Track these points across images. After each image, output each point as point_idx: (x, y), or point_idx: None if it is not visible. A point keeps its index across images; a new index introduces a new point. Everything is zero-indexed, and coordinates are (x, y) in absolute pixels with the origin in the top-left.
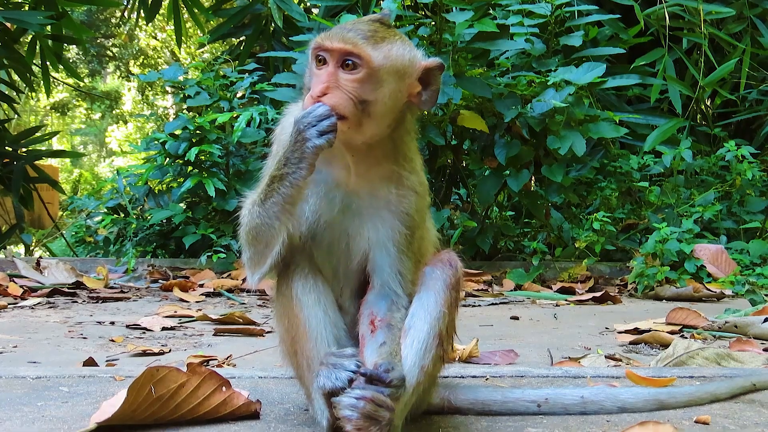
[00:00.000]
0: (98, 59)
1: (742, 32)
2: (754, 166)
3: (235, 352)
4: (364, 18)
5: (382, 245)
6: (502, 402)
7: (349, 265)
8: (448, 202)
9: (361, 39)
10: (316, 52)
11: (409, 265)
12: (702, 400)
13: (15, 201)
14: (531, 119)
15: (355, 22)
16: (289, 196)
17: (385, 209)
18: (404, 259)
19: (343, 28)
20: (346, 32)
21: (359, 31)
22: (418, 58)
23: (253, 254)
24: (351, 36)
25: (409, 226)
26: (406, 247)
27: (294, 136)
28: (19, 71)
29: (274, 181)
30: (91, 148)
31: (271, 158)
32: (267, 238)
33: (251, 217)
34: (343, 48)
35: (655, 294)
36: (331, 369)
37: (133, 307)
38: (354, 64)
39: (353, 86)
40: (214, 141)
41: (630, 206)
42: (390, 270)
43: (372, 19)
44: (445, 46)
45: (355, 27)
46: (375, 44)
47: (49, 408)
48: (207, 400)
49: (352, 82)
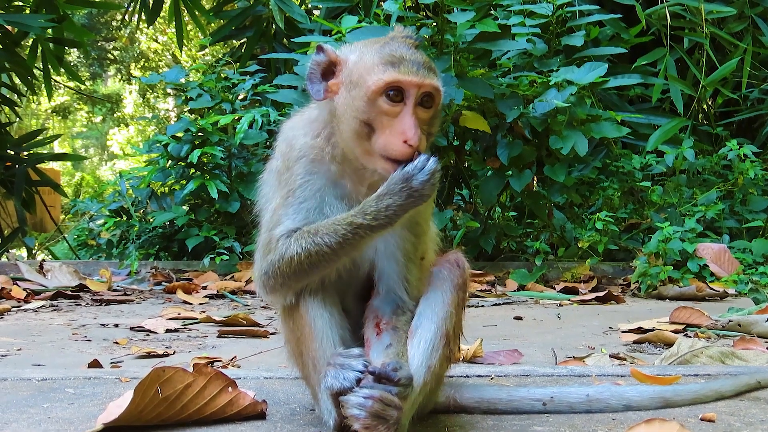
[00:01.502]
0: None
1: (744, 31)
2: (757, 165)
3: (239, 354)
4: (404, 41)
5: (390, 255)
6: (507, 400)
7: (356, 272)
8: (451, 203)
9: (432, 74)
10: (390, 87)
11: (415, 271)
12: (707, 397)
13: (17, 204)
14: (533, 119)
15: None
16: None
17: None
18: (411, 266)
19: (410, 62)
20: (419, 68)
21: (426, 64)
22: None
23: (288, 282)
24: (427, 73)
25: (418, 234)
26: (413, 254)
27: (405, 191)
28: (20, 74)
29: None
30: (93, 151)
31: (273, 175)
32: (319, 272)
33: (306, 246)
34: (428, 88)
35: (659, 293)
36: (338, 369)
37: (136, 309)
38: (431, 101)
39: (428, 124)
40: (217, 143)
41: (632, 206)
42: (397, 278)
43: (413, 44)
44: (446, 46)
45: (418, 59)
46: (437, 77)
47: (56, 409)
48: (213, 400)
49: (428, 120)
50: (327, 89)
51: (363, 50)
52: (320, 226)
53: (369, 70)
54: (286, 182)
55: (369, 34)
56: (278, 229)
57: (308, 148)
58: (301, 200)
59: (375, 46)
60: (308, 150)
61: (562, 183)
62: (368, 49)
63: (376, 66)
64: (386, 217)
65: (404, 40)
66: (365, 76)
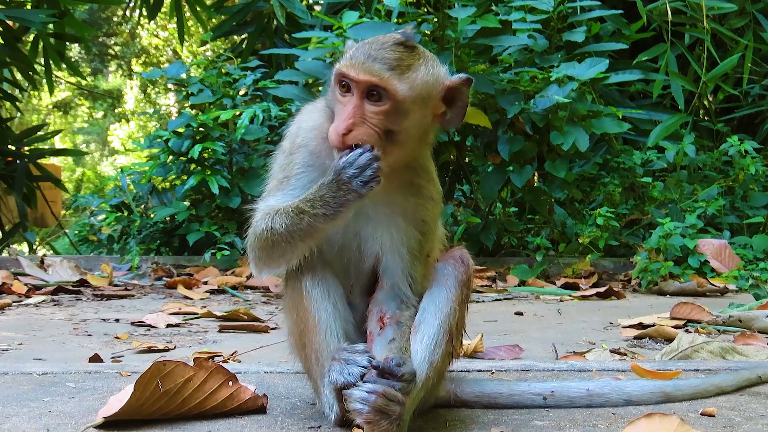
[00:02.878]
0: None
1: (745, 27)
2: (757, 161)
3: (240, 349)
4: (388, 39)
5: (395, 250)
6: (508, 395)
7: (361, 265)
8: (452, 199)
9: (387, 70)
10: (340, 79)
11: (419, 268)
12: (708, 392)
13: (18, 199)
14: (534, 115)
15: (379, 46)
16: (321, 230)
17: (401, 217)
18: (416, 263)
19: (367, 55)
20: (371, 62)
21: (385, 60)
22: (441, 78)
23: (263, 257)
24: (377, 68)
25: (424, 232)
26: (418, 252)
27: (335, 183)
28: (21, 70)
29: (305, 214)
30: (94, 147)
31: (280, 154)
32: (284, 252)
33: (272, 225)
34: (369, 80)
35: (659, 289)
36: (343, 364)
37: (137, 304)
38: (379, 96)
39: (378, 118)
40: (218, 138)
41: (633, 202)
42: (401, 273)
43: (396, 42)
44: (447, 42)
45: (380, 55)
46: (401, 74)
47: (56, 403)
48: (214, 394)
49: (378, 114)
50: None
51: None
52: (286, 206)
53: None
54: (286, 167)
55: (370, 29)
56: (261, 205)
57: (311, 138)
58: (292, 188)
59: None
60: (311, 140)
61: (563, 179)
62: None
63: (346, 53)
64: (323, 207)
65: (389, 38)
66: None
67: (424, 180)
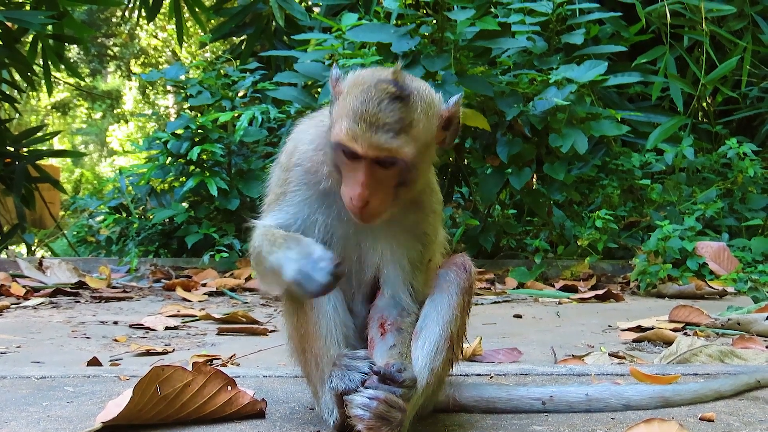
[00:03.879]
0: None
1: (744, 29)
2: (756, 163)
3: (238, 352)
4: (383, 94)
5: (396, 262)
6: (506, 399)
7: (361, 275)
8: (450, 201)
9: (393, 138)
10: (343, 149)
11: (420, 277)
12: (706, 397)
13: (17, 201)
14: (533, 117)
15: (376, 106)
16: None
17: (402, 230)
18: (417, 273)
19: (368, 123)
20: (374, 132)
21: (388, 127)
22: (438, 112)
23: (254, 267)
24: (383, 140)
25: (425, 243)
26: (419, 262)
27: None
28: (20, 71)
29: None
30: (93, 148)
31: (277, 169)
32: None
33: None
34: (378, 155)
35: (658, 292)
36: (344, 370)
37: (136, 306)
38: (389, 162)
39: (391, 179)
40: (216, 140)
41: (632, 204)
42: (402, 284)
43: (392, 97)
44: (446, 44)
45: (381, 120)
46: (406, 137)
47: (54, 408)
48: (212, 399)
49: (390, 176)
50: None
51: (351, 86)
52: (276, 237)
53: (338, 117)
54: (282, 183)
55: (369, 31)
56: (259, 222)
57: (307, 158)
58: (287, 205)
59: (358, 88)
60: (306, 159)
61: (562, 181)
62: (353, 89)
63: (342, 117)
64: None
65: (384, 90)
66: (335, 122)
67: (427, 195)
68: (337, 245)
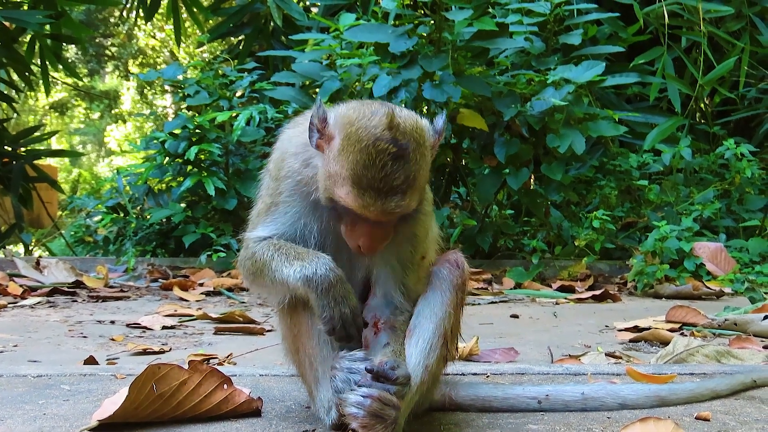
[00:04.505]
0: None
1: (741, 30)
2: (753, 164)
3: (235, 351)
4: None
5: (386, 262)
6: (503, 398)
7: (353, 276)
8: (448, 201)
9: (400, 199)
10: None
11: (412, 275)
12: (702, 396)
13: (14, 200)
14: (530, 118)
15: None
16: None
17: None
18: (408, 272)
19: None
20: (383, 200)
21: (396, 191)
22: (430, 143)
23: (247, 275)
24: (393, 206)
25: (416, 244)
26: (410, 261)
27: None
28: (18, 70)
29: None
30: (90, 148)
31: (267, 177)
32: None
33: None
34: (391, 219)
35: (655, 292)
36: (346, 373)
37: (133, 306)
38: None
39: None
40: (214, 140)
41: (629, 204)
42: (393, 283)
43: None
44: (444, 44)
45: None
46: (411, 191)
47: (51, 406)
48: (208, 397)
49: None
50: (317, 145)
51: (345, 140)
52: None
53: (339, 177)
54: (273, 192)
55: (366, 31)
56: (253, 234)
57: (295, 172)
58: (278, 215)
59: (355, 146)
60: (295, 173)
61: (559, 181)
62: (349, 145)
63: (345, 181)
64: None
65: (385, 150)
66: (337, 179)
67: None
68: (330, 247)
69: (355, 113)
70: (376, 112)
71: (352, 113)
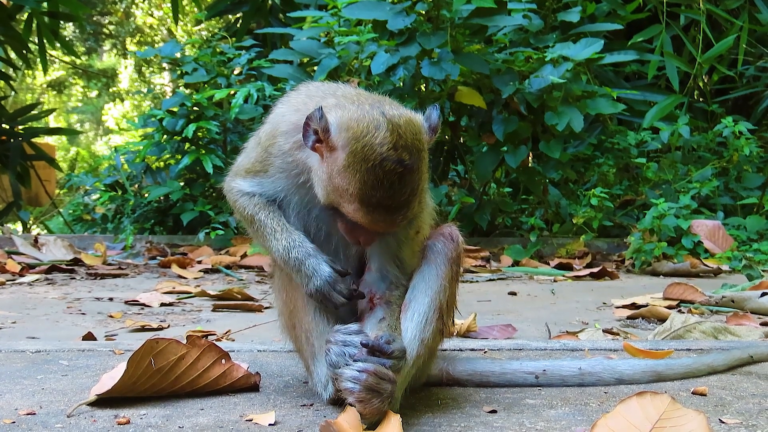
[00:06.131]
0: (95, 37)
1: (740, 9)
2: (752, 142)
3: (233, 327)
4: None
5: (380, 237)
6: (500, 373)
7: (348, 250)
8: (446, 179)
9: (406, 210)
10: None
11: (407, 249)
12: (699, 371)
13: (12, 179)
14: (529, 95)
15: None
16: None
17: None
18: (403, 246)
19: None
20: (391, 215)
21: (401, 204)
22: (426, 139)
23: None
24: (399, 217)
25: (411, 219)
26: (404, 236)
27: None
28: (15, 48)
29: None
30: (88, 126)
31: (257, 141)
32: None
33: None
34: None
35: (653, 269)
36: (340, 346)
37: (131, 283)
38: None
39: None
40: (212, 118)
41: (627, 182)
42: (388, 257)
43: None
44: (442, 22)
45: (397, 202)
46: (415, 199)
47: (49, 381)
48: (207, 372)
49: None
50: (314, 147)
51: (351, 156)
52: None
53: (347, 192)
54: (262, 160)
55: (365, 9)
56: (237, 183)
57: (285, 154)
58: (265, 181)
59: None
60: (285, 155)
61: (558, 159)
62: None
63: (354, 197)
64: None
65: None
66: (343, 194)
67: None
68: (319, 222)
69: (358, 126)
70: (379, 125)
71: (355, 126)
